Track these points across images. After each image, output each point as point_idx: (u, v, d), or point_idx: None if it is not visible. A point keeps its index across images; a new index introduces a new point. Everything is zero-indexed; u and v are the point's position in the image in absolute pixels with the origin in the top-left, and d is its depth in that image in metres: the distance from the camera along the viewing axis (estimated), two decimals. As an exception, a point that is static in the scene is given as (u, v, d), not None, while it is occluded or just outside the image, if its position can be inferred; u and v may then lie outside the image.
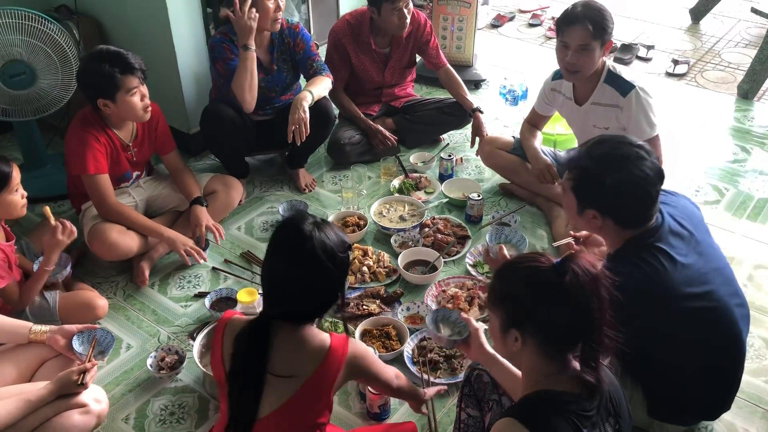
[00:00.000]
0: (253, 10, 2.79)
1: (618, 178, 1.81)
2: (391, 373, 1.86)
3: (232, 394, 1.61)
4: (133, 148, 2.76)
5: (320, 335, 1.64)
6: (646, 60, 4.62)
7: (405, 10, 3.20)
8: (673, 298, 1.85)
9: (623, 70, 2.73)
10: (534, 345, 1.43)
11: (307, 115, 2.88)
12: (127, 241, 2.67)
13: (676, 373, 1.94)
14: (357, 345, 1.72)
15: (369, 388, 2.10)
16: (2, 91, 2.90)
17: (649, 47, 4.68)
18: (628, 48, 4.65)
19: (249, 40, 2.83)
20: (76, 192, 2.79)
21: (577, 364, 1.44)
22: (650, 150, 1.86)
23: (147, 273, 2.74)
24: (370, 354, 1.78)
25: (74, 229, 2.38)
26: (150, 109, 2.63)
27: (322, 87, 3.04)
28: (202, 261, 2.73)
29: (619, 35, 4.74)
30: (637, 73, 4.34)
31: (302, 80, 3.23)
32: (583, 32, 2.57)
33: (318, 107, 3.00)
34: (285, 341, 1.60)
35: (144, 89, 2.59)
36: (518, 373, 1.58)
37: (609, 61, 2.74)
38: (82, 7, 3.47)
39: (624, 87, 2.68)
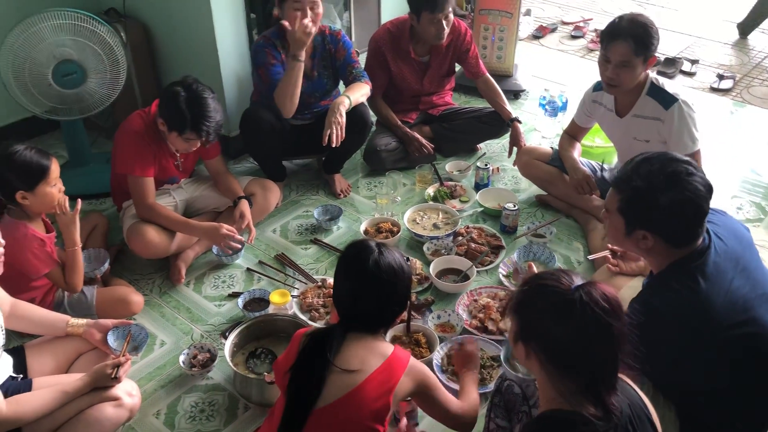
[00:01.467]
0: (310, 23, 2.80)
1: (672, 197, 1.74)
2: (452, 397, 1.90)
3: (292, 383, 1.68)
4: (180, 158, 2.83)
5: (386, 344, 1.77)
6: (690, 74, 4.54)
7: (444, 22, 3.20)
8: (713, 327, 1.78)
9: (666, 83, 2.69)
10: (539, 361, 1.42)
11: (344, 119, 2.90)
12: (165, 240, 2.72)
13: (712, 398, 1.88)
14: (417, 360, 1.81)
15: None
16: (54, 90, 2.98)
17: (694, 61, 4.60)
18: (671, 62, 4.58)
19: (300, 52, 2.85)
20: (119, 190, 2.85)
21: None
22: (696, 164, 1.81)
23: (183, 271, 2.79)
24: (430, 372, 1.85)
25: (66, 201, 2.41)
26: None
27: (360, 93, 3.06)
28: (239, 246, 2.76)
29: (663, 49, 4.66)
30: (680, 86, 4.27)
31: (341, 86, 3.26)
32: (625, 48, 2.55)
33: (355, 113, 3.02)
34: (353, 341, 1.71)
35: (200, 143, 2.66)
36: None
37: (652, 74, 2.71)
38: (130, 11, 3.56)
39: (667, 100, 2.64)
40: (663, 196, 1.75)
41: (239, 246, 2.76)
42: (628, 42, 2.53)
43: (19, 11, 3.40)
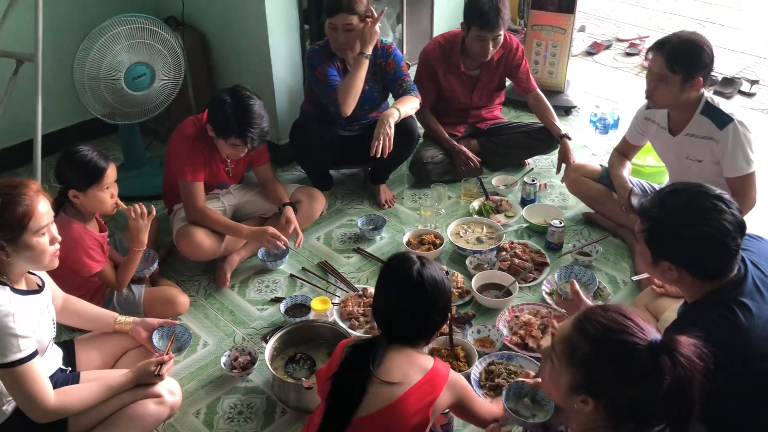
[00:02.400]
0: (377, 24, 2.92)
1: (693, 232, 1.70)
2: (488, 405, 1.91)
3: (333, 392, 1.69)
4: (231, 164, 2.89)
5: (426, 357, 1.77)
6: (750, 95, 4.41)
7: (490, 43, 3.21)
8: (752, 359, 1.73)
9: (722, 103, 2.62)
10: (600, 414, 1.37)
11: (392, 130, 2.92)
12: (213, 243, 2.78)
13: (746, 429, 1.82)
14: (457, 373, 1.83)
15: None
16: (123, 92, 3.06)
17: (754, 82, 4.47)
18: (730, 82, 4.46)
19: (369, 49, 2.95)
20: (170, 193, 2.93)
21: None
22: (730, 201, 1.73)
23: (229, 275, 2.84)
24: (468, 384, 1.86)
25: (143, 208, 2.50)
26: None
27: (409, 106, 3.08)
28: (284, 247, 2.77)
29: (721, 68, 4.56)
30: (737, 107, 4.15)
31: (390, 99, 3.29)
32: (660, 62, 2.51)
33: (403, 126, 3.04)
34: (396, 355, 1.72)
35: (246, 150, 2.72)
36: None
37: (708, 93, 2.64)
38: (188, 19, 3.67)
39: (721, 120, 2.57)
40: (684, 230, 1.71)
41: (284, 247, 2.79)
42: (664, 56, 2.49)
43: (87, 18, 3.56)
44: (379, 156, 2.91)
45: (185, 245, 2.77)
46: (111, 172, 2.44)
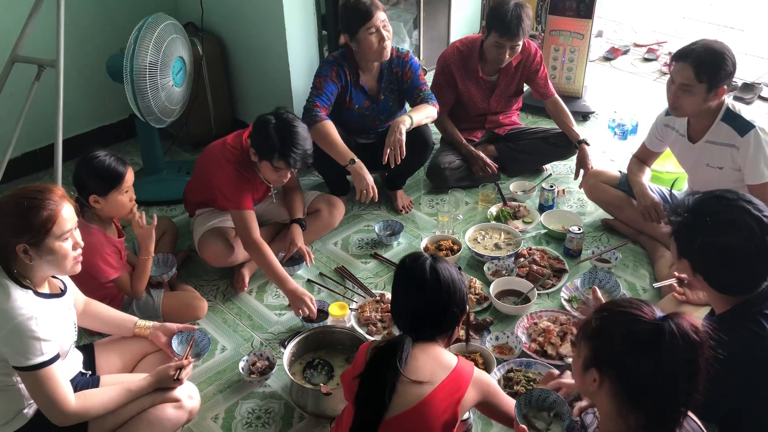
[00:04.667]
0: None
1: (711, 242, 1.70)
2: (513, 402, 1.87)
3: (361, 393, 1.69)
4: (273, 188, 2.88)
5: (450, 354, 1.78)
6: (770, 100, 4.37)
7: (507, 51, 3.21)
8: None
9: (743, 109, 2.60)
10: (611, 392, 1.38)
11: (404, 137, 2.91)
12: (234, 251, 2.79)
13: None
14: (481, 371, 1.83)
15: None
16: (169, 86, 3.08)
17: (774, 87, 4.43)
18: (750, 87, 4.42)
19: (348, 161, 2.89)
20: (193, 200, 2.94)
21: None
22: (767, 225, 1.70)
23: (247, 279, 2.85)
24: (493, 381, 1.87)
25: (145, 217, 2.51)
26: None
27: (424, 114, 3.06)
28: (311, 317, 2.61)
29: (741, 74, 4.51)
30: (759, 113, 4.11)
31: (406, 106, 3.29)
32: (686, 71, 2.48)
33: (416, 134, 3.05)
34: (420, 353, 1.72)
35: (290, 173, 2.68)
36: None
37: (728, 99, 2.62)
38: (207, 26, 3.70)
39: (743, 126, 2.54)
40: (700, 237, 1.72)
41: (313, 318, 2.61)
42: (690, 66, 2.47)
43: (108, 24, 3.60)
44: (392, 165, 2.91)
45: (207, 252, 2.78)
46: (129, 176, 2.46)
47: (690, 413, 1.44)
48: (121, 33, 3.52)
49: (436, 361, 1.72)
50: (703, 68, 2.45)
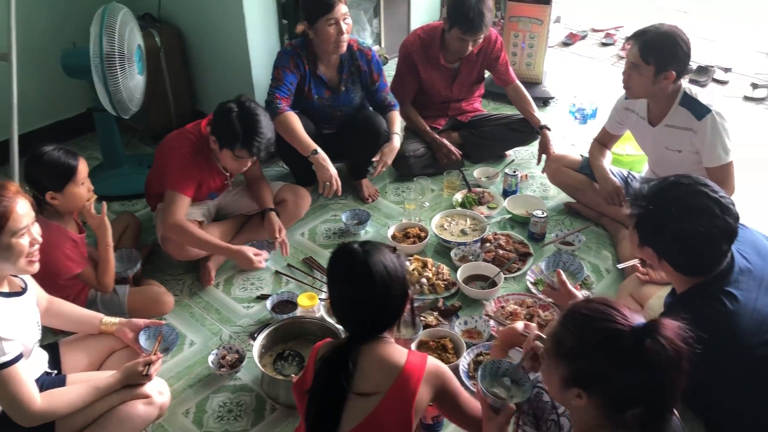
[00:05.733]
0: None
1: (679, 229, 1.72)
2: (474, 400, 1.81)
3: (310, 412, 1.65)
4: (230, 177, 2.86)
5: (398, 352, 1.68)
6: (723, 83, 4.48)
7: (470, 44, 3.24)
8: (740, 348, 1.76)
9: (700, 93, 2.66)
10: (596, 404, 1.37)
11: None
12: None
13: (739, 416, 1.86)
14: (436, 361, 1.73)
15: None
16: (133, 73, 3.02)
17: (727, 69, 4.54)
18: (704, 70, 4.53)
19: (311, 152, 2.90)
20: (154, 193, 2.89)
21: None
22: (727, 206, 1.73)
23: (213, 273, 2.82)
24: (450, 372, 1.76)
25: (92, 206, 2.46)
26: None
27: (399, 125, 3.20)
28: (263, 265, 2.78)
29: (695, 57, 4.61)
30: (714, 96, 4.22)
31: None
32: (635, 51, 2.56)
33: (367, 122, 3.11)
34: (366, 360, 1.64)
35: (251, 161, 2.68)
36: None
37: (685, 83, 2.68)
38: (164, 16, 3.63)
39: (699, 110, 2.60)
40: (669, 226, 1.74)
41: (263, 266, 2.77)
42: (637, 44, 2.54)
43: (61, 16, 3.51)
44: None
45: (172, 246, 2.74)
46: (83, 167, 2.41)
47: None
48: (73, 26, 3.46)
49: (382, 366, 1.64)
50: (651, 50, 2.51)
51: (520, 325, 1.91)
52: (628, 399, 1.34)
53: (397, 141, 3.15)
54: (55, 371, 2.09)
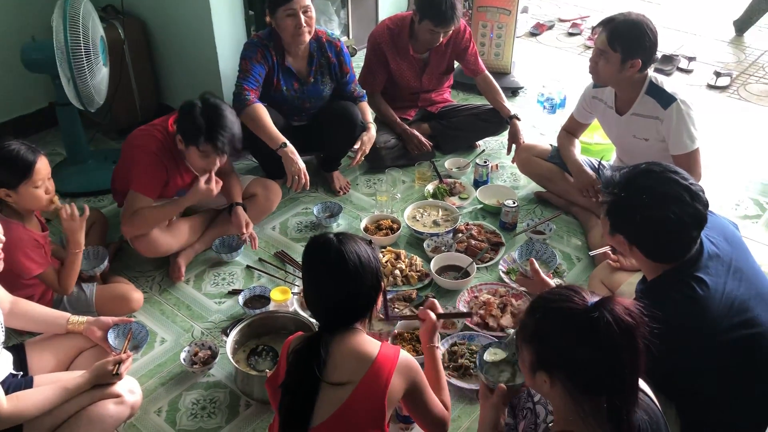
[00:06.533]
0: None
1: (649, 216, 1.74)
2: (437, 401, 1.80)
3: (283, 404, 1.64)
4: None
5: (371, 343, 1.68)
6: (687, 72, 4.55)
7: (441, 35, 3.23)
8: (710, 333, 1.79)
9: (665, 82, 2.69)
10: (562, 388, 1.38)
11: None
12: (168, 240, 2.72)
13: (712, 400, 1.89)
14: (408, 355, 1.73)
15: None
16: (98, 66, 2.94)
17: (691, 59, 4.61)
18: (668, 59, 4.59)
19: (279, 145, 2.85)
20: (121, 190, 2.82)
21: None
22: (696, 193, 1.76)
23: (183, 269, 2.78)
24: (421, 370, 1.76)
25: (75, 208, 2.37)
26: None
27: (370, 114, 3.25)
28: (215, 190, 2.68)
29: (659, 46, 4.67)
30: (679, 85, 4.28)
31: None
32: (603, 38, 2.58)
33: (342, 113, 3.10)
34: (338, 350, 1.64)
35: (220, 160, 2.62)
36: None
37: (651, 72, 2.71)
38: (128, 8, 3.55)
39: (665, 99, 2.63)
40: (641, 213, 1.75)
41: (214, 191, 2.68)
42: (605, 31, 2.57)
43: (22, 8, 3.41)
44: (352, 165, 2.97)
45: (140, 243, 2.68)
46: (42, 166, 2.30)
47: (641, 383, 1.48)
48: (31, 20, 3.37)
49: (354, 356, 1.64)
50: (617, 37, 2.54)
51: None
52: (588, 380, 1.35)
53: (373, 130, 3.16)
54: (21, 373, 2.03)
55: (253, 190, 3.00)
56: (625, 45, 2.54)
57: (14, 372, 2.00)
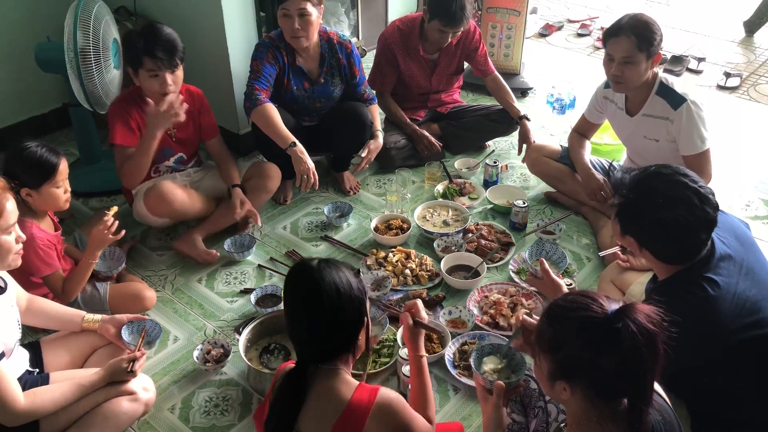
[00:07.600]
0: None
1: (658, 218, 1.75)
2: (424, 424, 1.69)
3: None
4: (174, 128, 2.82)
5: (345, 386, 1.59)
6: (697, 72, 4.55)
7: (450, 36, 3.26)
8: (722, 334, 1.79)
9: (676, 83, 2.69)
10: (582, 395, 1.38)
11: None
12: (179, 193, 2.77)
13: (722, 398, 1.89)
14: (387, 393, 1.61)
15: (404, 371, 2.15)
16: (109, 67, 2.98)
17: (700, 59, 4.60)
18: (678, 60, 4.59)
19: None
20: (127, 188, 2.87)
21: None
22: (706, 196, 1.76)
23: (201, 244, 2.85)
24: (402, 401, 1.64)
25: (122, 232, 2.42)
26: (176, 88, 2.70)
27: (379, 119, 3.26)
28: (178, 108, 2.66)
29: (669, 47, 4.68)
30: (690, 86, 4.28)
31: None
32: (627, 44, 2.56)
33: (352, 113, 3.12)
34: (315, 391, 1.58)
35: (171, 77, 2.65)
36: None
37: (661, 73, 2.71)
38: (141, 9, 3.58)
39: (676, 100, 2.64)
40: (649, 215, 1.76)
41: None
42: (629, 37, 2.55)
43: (34, 13, 3.44)
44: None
45: (150, 198, 2.73)
46: (63, 168, 2.35)
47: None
48: (47, 19, 3.39)
49: (328, 399, 1.56)
50: (642, 37, 2.54)
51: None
52: (610, 387, 1.35)
53: (381, 138, 3.19)
54: (37, 370, 2.06)
55: (252, 173, 3.04)
56: (647, 41, 2.54)
57: (30, 369, 2.03)
